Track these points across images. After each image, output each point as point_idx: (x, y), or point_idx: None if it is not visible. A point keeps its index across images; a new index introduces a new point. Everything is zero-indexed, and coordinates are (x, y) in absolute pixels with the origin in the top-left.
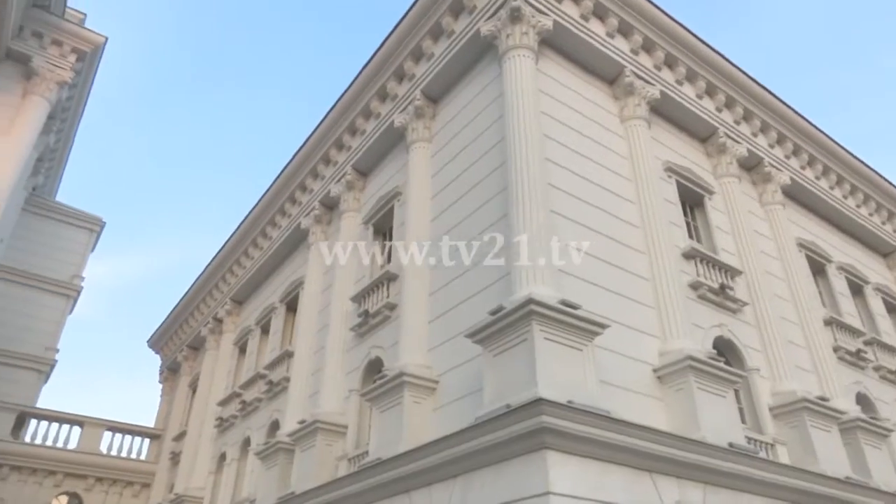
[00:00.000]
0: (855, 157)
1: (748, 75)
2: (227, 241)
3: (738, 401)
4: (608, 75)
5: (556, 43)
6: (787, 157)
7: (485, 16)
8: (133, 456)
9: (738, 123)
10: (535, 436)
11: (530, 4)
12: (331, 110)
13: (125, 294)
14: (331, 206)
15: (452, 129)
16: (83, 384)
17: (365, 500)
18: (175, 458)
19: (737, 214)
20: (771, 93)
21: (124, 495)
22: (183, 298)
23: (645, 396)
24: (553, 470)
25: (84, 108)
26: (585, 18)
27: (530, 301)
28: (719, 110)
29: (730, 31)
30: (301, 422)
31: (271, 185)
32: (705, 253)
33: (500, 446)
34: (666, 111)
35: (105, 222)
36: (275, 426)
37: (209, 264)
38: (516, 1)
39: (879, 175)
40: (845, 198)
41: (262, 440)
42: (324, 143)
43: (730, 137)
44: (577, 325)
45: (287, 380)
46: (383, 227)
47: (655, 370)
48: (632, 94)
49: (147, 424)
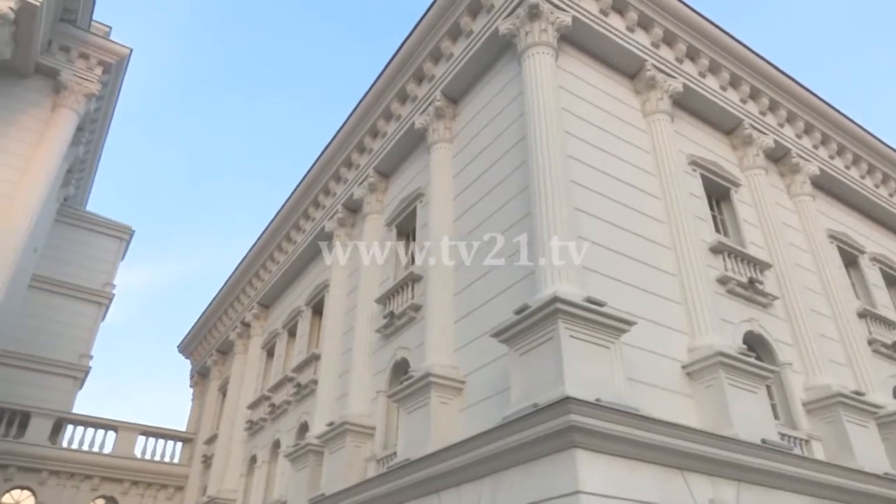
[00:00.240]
0: (886, 144)
1: (773, 65)
2: (252, 246)
3: (771, 396)
4: (629, 70)
5: (575, 39)
6: (816, 147)
7: (503, 14)
8: (166, 459)
9: (763, 114)
10: (563, 435)
11: (549, 1)
12: (352, 113)
13: (155, 301)
14: (354, 208)
15: (473, 129)
16: (116, 390)
17: (394, 501)
18: (207, 461)
19: (764, 207)
20: (797, 82)
21: (159, 498)
22: (211, 304)
23: (674, 393)
24: (582, 469)
25: (111, 118)
26: (605, 13)
27: (555, 299)
28: (744, 101)
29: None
30: (329, 424)
31: (295, 190)
32: (733, 247)
33: (528, 446)
34: (689, 104)
35: (134, 230)
36: (304, 428)
37: (236, 269)
38: None
39: None
40: (877, 187)
41: (292, 442)
42: (346, 146)
43: (755, 129)
44: (603, 322)
45: (315, 382)
46: (406, 229)
47: (684, 367)
48: (653, 87)
49: (179, 428)
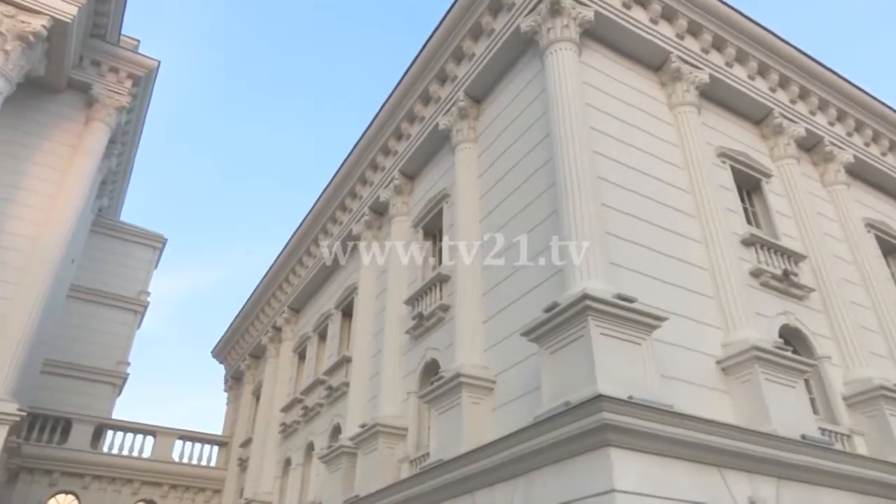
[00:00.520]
0: None
1: (802, 51)
2: (282, 251)
3: (809, 391)
4: (654, 62)
5: (598, 33)
6: (850, 135)
7: (524, 12)
8: (203, 463)
9: (794, 103)
10: (596, 433)
11: None
12: (376, 116)
13: (188, 307)
14: (380, 211)
15: (497, 128)
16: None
17: (428, 502)
18: (243, 464)
19: (798, 197)
20: (828, 68)
21: (197, 501)
22: (242, 309)
23: (709, 389)
24: (616, 467)
25: (142, 129)
26: (627, 6)
27: (585, 297)
28: (773, 90)
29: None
30: (362, 425)
31: (322, 194)
32: (766, 239)
33: (561, 444)
34: (716, 95)
35: (166, 239)
36: (336, 430)
37: (266, 274)
38: None
39: None
40: None
41: (325, 444)
42: (370, 149)
43: (786, 118)
44: (634, 318)
45: (346, 384)
46: (433, 230)
47: (719, 362)
48: (679, 79)
49: (215, 432)
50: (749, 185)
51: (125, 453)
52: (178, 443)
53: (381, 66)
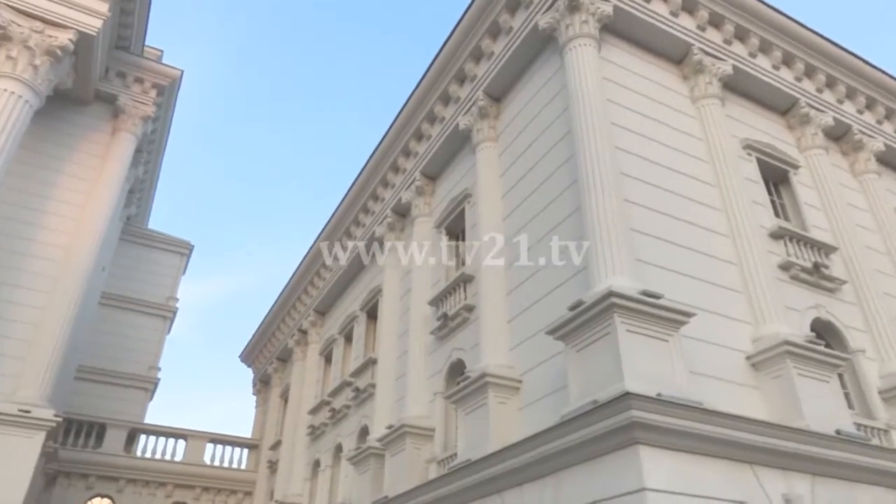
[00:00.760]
0: None
1: (828, 39)
2: (306, 255)
3: (844, 385)
4: (675, 55)
5: (617, 28)
6: (880, 122)
7: (542, 9)
8: (234, 465)
9: (820, 91)
10: (625, 431)
11: None
12: (396, 118)
13: (216, 312)
14: (403, 212)
15: (518, 126)
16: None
17: (457, 502)
18: (273, 467)
19: (827, 188)
20: (855, 55)
21: (229, 503)
22: (269, 313)
23: (739, 385)
24: (646, 465)
25: (167, 138)
26: (647, 0)
27: (610, 294)
28: (799, 80)
29: None
30: (389, 427)
31: (344, 197)
32: (795, 231)
33: (589, 443)
34: (740, 86)
35: (193, 245)
36: (364, 432)
37: (291, 278)
38: None
39: None
40: None
41: (353, 446)
42: (392, 151)
43: (813, 107)
44: (660, 315)
45: (373, 386)
46: (456, 230)
47: (749, 357)
48: (701, 72)
49: (245, 435)
50: (776, 177)
51: (158, 457)
52: (209, 446)
53: (401, 68)
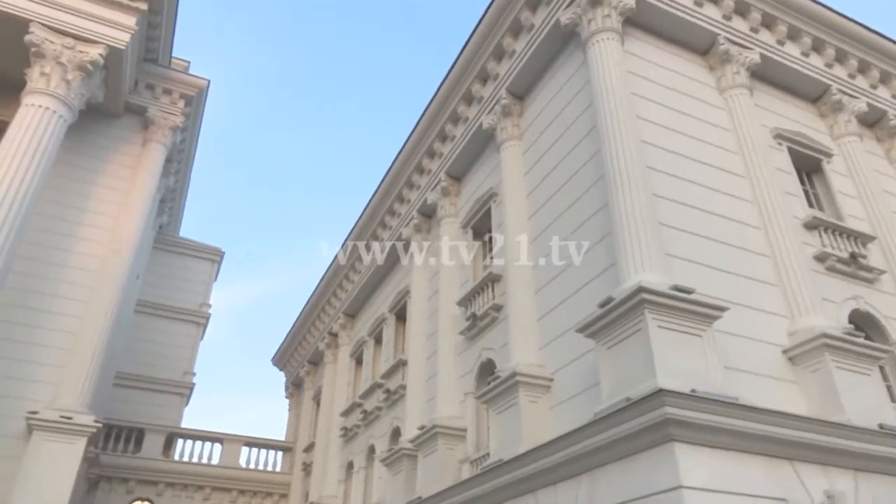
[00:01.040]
0: None
1: (860, 23)
2: (334, 258)
3: (885, 378)
4: (700, 46)
5: (640, 21)
6: None
7: (563, 4)
8: (269, 468)
9: (853, 77)
10: (659, 428)
11: None
12: (420, 120)
13: (248, 317)
14: (429, 213)
15: (542, 124)
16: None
17: (491, 502)
18: (307, 469)
19: (862, 176)
20: (889, 38)
21: None
22: (299, 317)
23: (776, 380)
24: (682, 463)
25: (196, 146)
26: None
27: (640, 289)
28: (830, 66)
29: None
30: (421, 427)
31: (370, 200)
32: (830, 221)
33: (623, 441)
34: (769, 75)
35: (224, 252)
36: (396, 433)
37: (320, 282)
38: None
39: None
40: None
41: (386, 447)
42: (416, 152)
43: (845, 93)
44: (692, 310)
45: (404, 387)
46: (482, 230)
47: (785, 351)
48: (728, 62)
49: (279, 437)
50: (809, 167)
51: (195, 460)
52: (245, 449)
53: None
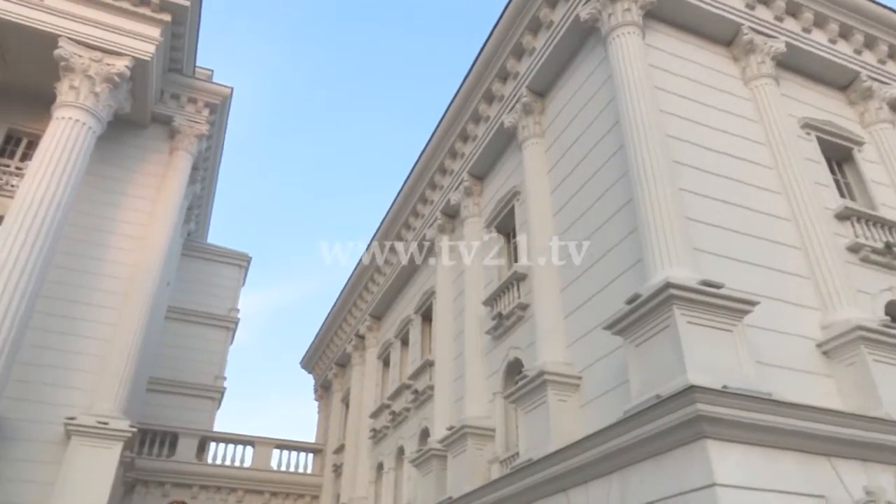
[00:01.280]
0: None
1: (889, 7)
2: (359, 261)
3: None
4: (724, 37)
5: (662, 13)
6: None
7: (582, 0)
8: (300, 470)
9: (883, 63)
10: (691, 425)
11: None
12: (441, 120)
13: (276, 320)
14: (452, 214)
15: (564, 121)
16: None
17: (521, 502)
18: (337, 470)
19: (895, 164)
20: None
21: None
22: (326, 320)
23: (810, 374)
24: (716, 460)
25: (221, 154)
26: None
27: (668, 285)
28: (858, 52)
29: None
30: (450, 428)
31: (393, 202)
32: (862, 211)
33: (654, 439)
34: (795, 64)
35: (251, 257)
36: (425, 434)
37: (346, 285)
38: None
39: None
40: None
41: (415, 448)
42: (438, 153)
43: (875, 80)
44: (722, 304)
45: (431, 388)
46: (506, 228)
47: (819, 345)
48: (753, 52)
49: (309, 440)
50: (839, 156)
51: (227, 463)
52: (276, 452)
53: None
